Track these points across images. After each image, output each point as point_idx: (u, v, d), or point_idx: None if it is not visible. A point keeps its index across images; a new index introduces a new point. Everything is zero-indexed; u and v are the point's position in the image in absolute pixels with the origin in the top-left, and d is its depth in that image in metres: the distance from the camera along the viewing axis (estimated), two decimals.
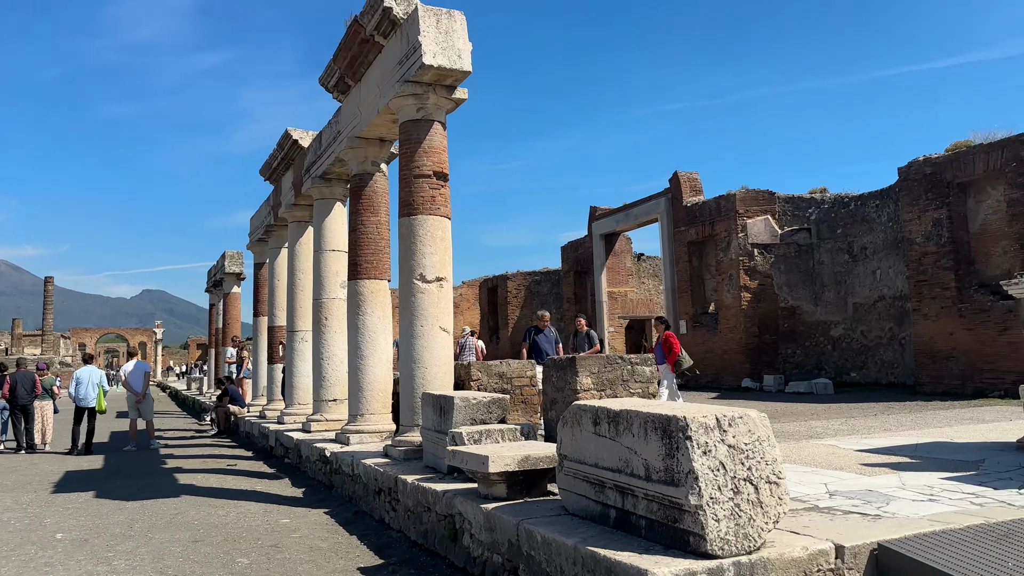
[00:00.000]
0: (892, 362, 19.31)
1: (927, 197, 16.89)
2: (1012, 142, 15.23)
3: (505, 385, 8.44)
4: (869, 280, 19.86)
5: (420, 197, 8.20)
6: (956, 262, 16.43)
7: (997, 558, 3.91)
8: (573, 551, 4.15)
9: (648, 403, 4.63)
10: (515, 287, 31.83)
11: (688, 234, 22.66)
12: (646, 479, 4.07)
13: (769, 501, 3.90)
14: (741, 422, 3.96)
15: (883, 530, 4.29)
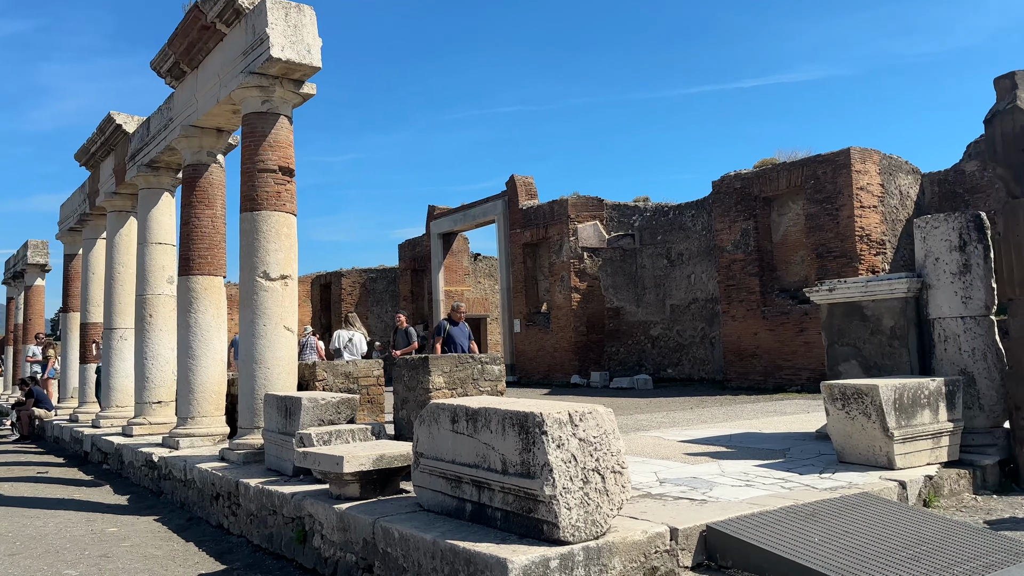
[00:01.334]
0: (704, 359, 20.94)
1: (737, 209, 18.49)
2: (811, 162, 17.02)
3: (351, 385, 8.41)
4: (685, 284, 21.41)
5: (264, 192, 7.99)
6: (761, 269, 18.10)
7: (805, 534, 4.48)
8: (432, 545, 4.29)
9: (504, 401, 4.86)
10: (350, 284, 31.33)
11: (523, 236, 23.36)
12: (503, 473, 4.29)
13: (614, 489, 4.24)
14: (591, 417, 4.28)
15: (710, 513, 4.77)
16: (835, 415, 6.38)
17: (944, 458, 6.28)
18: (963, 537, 4.58)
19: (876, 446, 6.11)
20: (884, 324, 7.46)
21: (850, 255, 16.25)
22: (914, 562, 4.14)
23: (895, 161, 17.21)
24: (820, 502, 5.08)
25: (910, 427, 6.12)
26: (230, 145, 10.49)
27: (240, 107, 8.42)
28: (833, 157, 16.64)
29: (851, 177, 16.26)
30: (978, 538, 4.59)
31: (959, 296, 6.85)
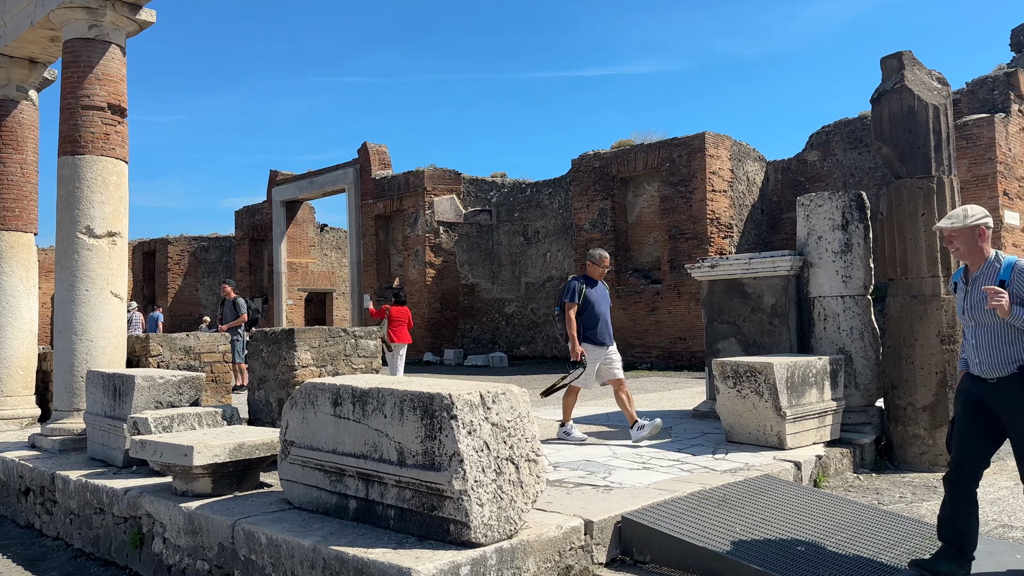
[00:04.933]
0: (557, 337, 20.93)
1: (594, 188, 18.50)
2: (667, 145, 17.26)
3: (192, 361, 7.36)
4: (540, 262, 21.29)
5: (90, 133, 6.75)
6: (616, 248, 18.23)
7: (723, 522, 4.15)
8: (312, 552, 3.57)
9: (399, 380, 4.19)
10: (178, 253, 28.84)
11: (376, 207, 22.34)
12: (399, 464, 3.64)
13: (529, 480, 3.71)
14: (504, 398, 3.71)
15: (620, 502, 4.35)
16: (726, 393, 6.19)
17: (827, 437, 6.27)
18: (879, 521, 4.44)
19: (767, 425, 5.98)
20: (765, 302, 7.40)
21: (701, 237, 16.66)
22: (842, 551, 3.91)
23: (744, 148, 17.82)
24: (728, 486, 4.80)
25: (800, 406, 6.03)
26: (46, 80, 8.94)
27: (61, 32, 7.08)
28: (689, 141, 16.94)
29: (705, 161, 16.64)
30: (893, 522, 4.47)
31: (840, 275, 6.87)
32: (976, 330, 3.67)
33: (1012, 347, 3.55)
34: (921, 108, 6.44)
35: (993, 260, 3.68)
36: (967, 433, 3.70)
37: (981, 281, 3.65)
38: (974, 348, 3.69)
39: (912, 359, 6.39)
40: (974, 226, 3.65)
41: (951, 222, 3.70)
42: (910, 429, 6.38)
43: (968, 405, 3.72)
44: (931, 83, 6.63)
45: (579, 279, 6.87)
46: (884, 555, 3.89)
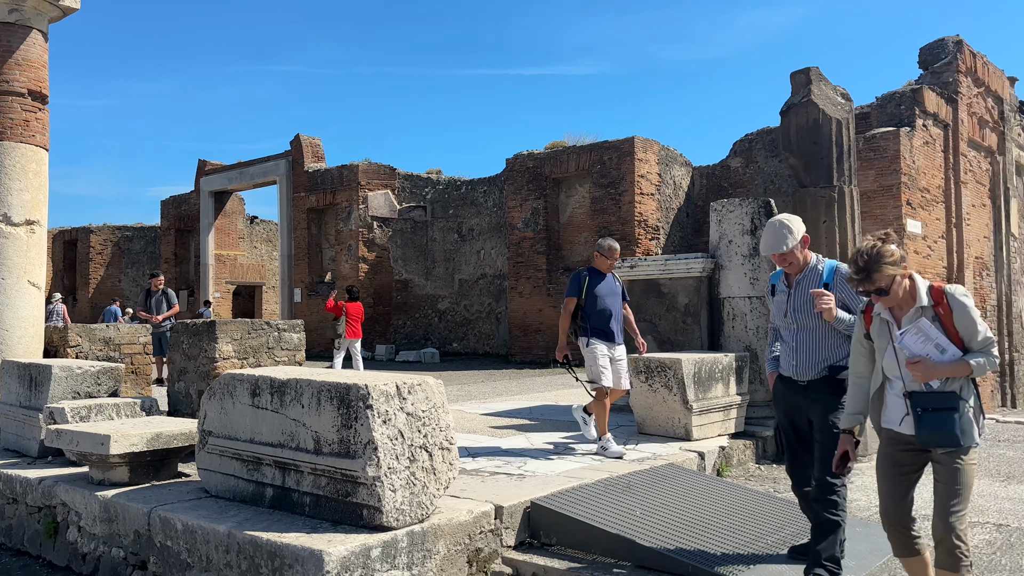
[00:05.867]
0: (489, 334, 21.17)
1: (528, 188, 18.77)
2: (598, 147, 17.64)
3: (112, 353, 7.29)
4: (474, 259, 21.46)
5: (9, 119, 6.63)
6: (548, 247, 18.55)
7: (626, 506, 4.42)
8: (227, 537, 3.68)
9: (318, 371, 4.32)
10: (100, 242, 27.98)
11: (308, 200, 22.14)
12: (315, 453, 3.77)
13: (442, 467, 3.89)
14: (420, 389, 3.88)
15: (532, 488, 4.58)
16: (638, 388, 6.48)
17: (732, 429, 6.63)
18: (769, 507, 4.77)
19: (676, 418, 6.29)
20: (679, 301, 7.74)
21: (629, 238, 17.07)
22: (732, 532, 4.21)
23: (671, 153, 18.34)
24: (634, 474, 5.08)
25: (706, 400, 6.37)
26: None
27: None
28: (619, 144, 17.35)
29: (634, 165, 17.07)
30: (783, 508, 4.80)
31: (748, 277, 7.25)
32: (798, 333, 3.71)
33: (827, 350, 3.64)
34: (825, 121, 6.86)
35: (815, 264, 3.78)
36: (794, 444, 3.82)
37: (805, 284, 3.69)
38: (793, 351, 3.73)
39: None
40: (802, 237, 3.76)
41: (787, 244, 3.71)
42: None
43: (788, 413, 3.83)
44: (835, 98, 7.06)
45: (585, 271, 6.25)
46: (771, 537, 4.21)
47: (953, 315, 2.89)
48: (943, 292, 2.93)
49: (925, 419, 2.84)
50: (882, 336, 3.03)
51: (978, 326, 2.88)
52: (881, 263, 2.88)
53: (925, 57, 12.63)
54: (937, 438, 2.84)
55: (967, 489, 2.89)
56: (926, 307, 2.92)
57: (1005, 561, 4.02)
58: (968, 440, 2.85)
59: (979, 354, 2.87)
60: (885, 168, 10.56)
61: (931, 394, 2.86)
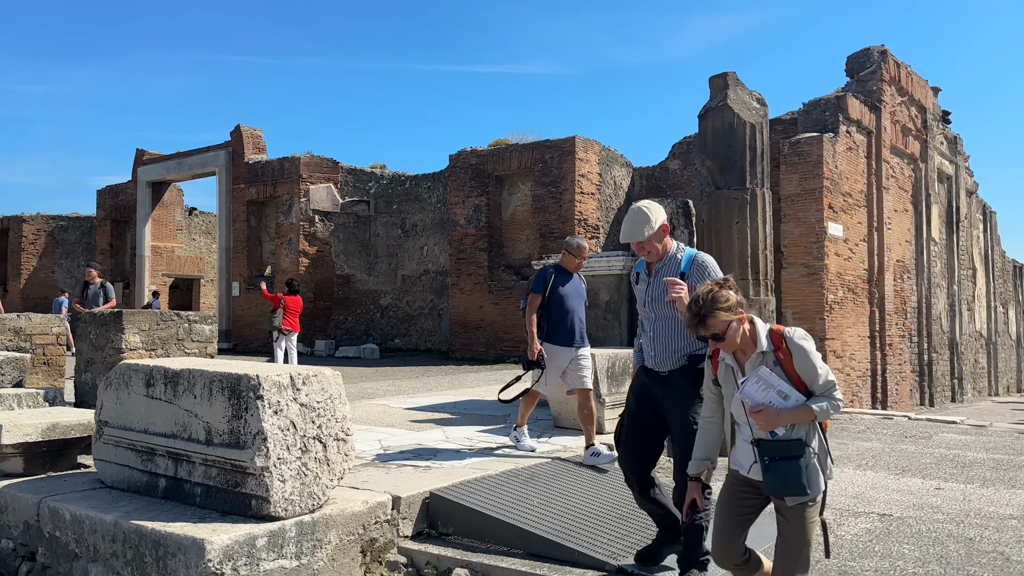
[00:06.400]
0: (431, 330, 21.16)
1: (471, 185, 18.81)
2: (540, 146, 17.77)
3: (23, 343, 7.12)
4: (417, 255, 21.42)
5: None
6: (490, 244, 18.61)
7: (526, 495, 4.50)
8: (113, 527, 3.66)
9: (213, 362, 4.30)
10: (34, 232, 27.15)
11: (248, 192, 21.81)
12: (207, 443, 3.77)
13: (336, 458, 3.92)
14: (315, 380, 3.90)
15: (434, 480, 4.63)
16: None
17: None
18: None
19: None
20: (601, 298, 7.88)
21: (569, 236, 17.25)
22: (623, 521, 4.33)
23: (612, 153, 18.56)
24: (538, 465, 5.17)
25: (620, 394, 6.50)
26: None
27: None
28: (560, 143, 17.50)
29: (575, 164, 17.24)
30: None
31: None
32: (656, 322, 3.67)
33: (685, 339, 3.57)
34: (740, 125, 7.05)
35: (675, 252, 3.71)
36: (636, 434, 3.71)
37: (663, 273, 3.64)
38: (651, 340, 3.68)
39: None
40: (661, 226, 3.65)
41: (644, 233, 3.63)
42: None
43: (639, 399, 3.73)
44: (751, 103, 7.27)
45: (551, 268, 5.98)
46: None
47: (793, 359, 2.81)
48: (783, 336, 2.85)
49: (772, 468, 2.76)
50: (728, 382, 2.96)
51: (819, 369, 2.81)
52: (715, 308, 2.82)
53: (852, 65, 13.03)
54: (784, 488, 2.75)
55: (810, 543, 2.83)
56: (767, 352, 2.84)
57: (879, 548, 4.21)
58: (815, 489, 2.77)
59: (822, 398, 2.79)
60: (809, 172, 10.88)
61: (777, 442, 2.79)
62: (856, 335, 11.69)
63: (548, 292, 5.83)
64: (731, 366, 2.94)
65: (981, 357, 18.49)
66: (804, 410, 2.76)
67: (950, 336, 15.86)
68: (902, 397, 13.31)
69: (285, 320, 12.55)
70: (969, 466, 6.64)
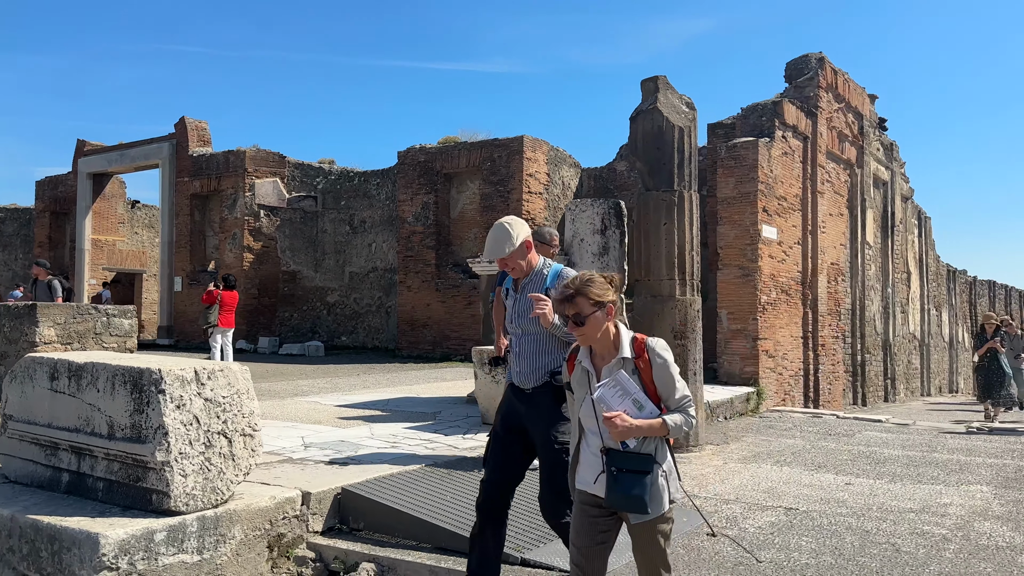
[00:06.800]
0: (379, 328, 21.05)
1: (419, 182, 18.77)
2: (489, 144, 17.81)
3: None
4: (365, 252, 21.29)
5: None
6: (438, 242, 18.60)
7: (439, 491, 4.54)
8: (10, 521, 3.60)
9: (119, 356, 4.25)
10: None
11: (192, 186, 21.43)
12: (109, 438, 3.73)
13: (242, 453, 3.90)
14: (221, 375, 3.88)
15: (349, 476, 4.64)
16: (482, 379, 6.64)
17: None
18: None
19: None
20: None
21: None
22: (534, 514, 4.39)
23: (560, 154, 18.70)
24: (458, 461, 5.21)
25: None
26: None
27: None
28: (508, 143, 17.57)
29: (523, 163, 17.32)
30: None
31: None
32: (521, 338, 3.55)
33: (548, 355, 3.45)
34: (669, 128, 7.18)
35: (541, 268, 3.62)
36: (501, 454, 3.54)
37: (529, 289, 3.54)
38: (517, 356, 3.55)
39: None
40: (523, 242, 3.54)
41: (505, 249, 3.52)
42: None
43: (505, 418, 3.60)
44: (680, 107, 7.40)
45: None
46: None
47: (653, 370, 2.72)
48: (645, 345, 2.76)
49: (619, 479, 2.63)
50: (581, 386, 2.82)
51: (676, 383, 2.72)
52: (587, 289, 2.73)
53: (790, 72, 13.34)
54: (626, 502, 2.63)
55: (665, 557, 2.74)
56: (627, 359, 2.73)
57: (778, 540, 4.35)
58: (656, 508, 2.65)
59: (677, 413, 2.70)
60: (744, 176, 11.11)
61: (628, 454, 2.66)
62: (789, 335, 11.98)
63: None
64: (587, 369, 2.81)
65: (914, 358, 19.08)
66: (658, 423, 2.65)
67: (884, 337, 16.33)
68: (835, 396, 13.67)
69: (221, 316, 12.38)
70: (883, 462, 6.88)
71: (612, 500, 2.65)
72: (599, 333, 2.75)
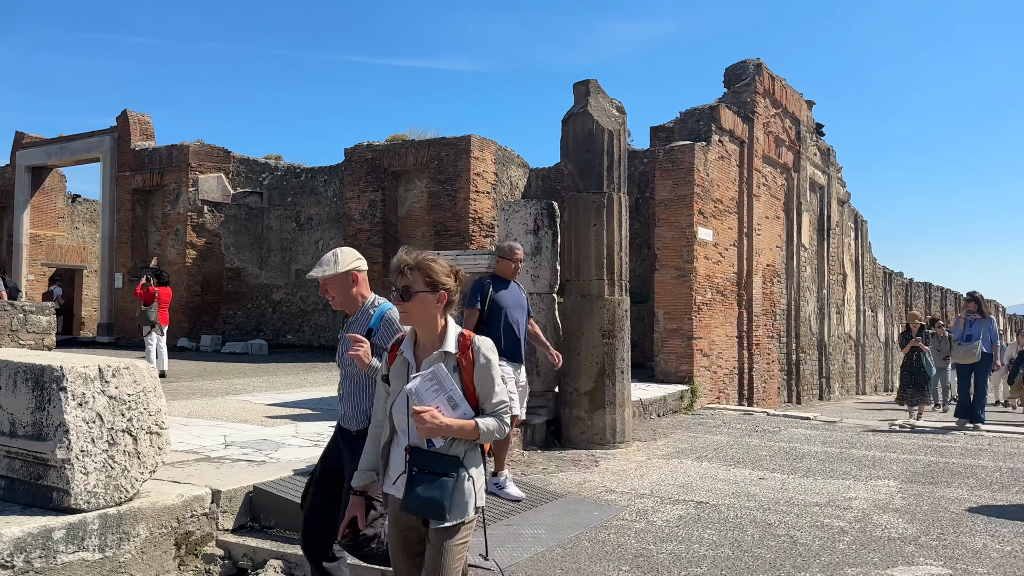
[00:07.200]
0: (325, 326, 20.90)
1: (367, 179, 18.69)
2: (436, 143, 17.82)
3: None
4: (313, 249, 21.10)
5: None
6: (385, 241, 18.54)
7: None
8: None
9: (27, 353, 4.20)
10: None
11: (134, 180, 21.02)
12: (11, 435, 3.70)
13: (148, 451, 3.90)
14: (127, 373, 3.87)
15: (263, 474, 4.65)
16: None
17: None
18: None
19: None
20: None
21: (464, 235, 17.37)
22: None
23: (509, 153, 18.81)
24: None
25: None
26: None
27: None
28: (456, 141, 17.60)
29: (470, 162, 17.37)
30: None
31: (530, 275, 7.61)
32: (345, 379, 3.35)
33: (369, 399, 3.16)
34: (599, 131, 7.32)
35: (368, 307, 3.34)
36: (318, 495, 3.36)
37: (353, 328, 3.30)
38: (341, 398, 3.38)
39: (579, 350, 7.25)
40: (346, 271, 3.29)
41: (322, 270, 3.29)
42: (574, 411, 7.24)
43: (327, 457, 3.44)
44: (611, 110, 7.55)
45: (486, 279, 5.51)
46: None
47: (475, 368, 2.55)
48: (470, 343, 2.58)
49: (418, 480, 2.43)
50: (399, 377, 2.62)
51: (496, 386, 2.55)
52: (425, 266, 2.58)
53: (729, 77, 13.62)
54: (422, 506, 2.42)
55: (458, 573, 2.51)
56: (450, 353, 2.54)
57: (682, 533, 4.49)
58: (457, 515, 2.44)
59: (491, 417, 2.52)
60: (681, 179, 11.32)
61: (433, 454, 2.46)
62: (724, 335, 12.25)
63: (487, 305, 5.31)
64: (408, 360, 2.62)
65: (850, 358, 19.63)
66: (470, 424, 2.47)
67: (819, 337, 16.77)
68: (770, 394, 14.01)
69: (160, 314, 12.21)
70: (801, 458, 7.11)
71: (408, 502, 2.45)
72: (424, 316, 2.57)
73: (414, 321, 2.60)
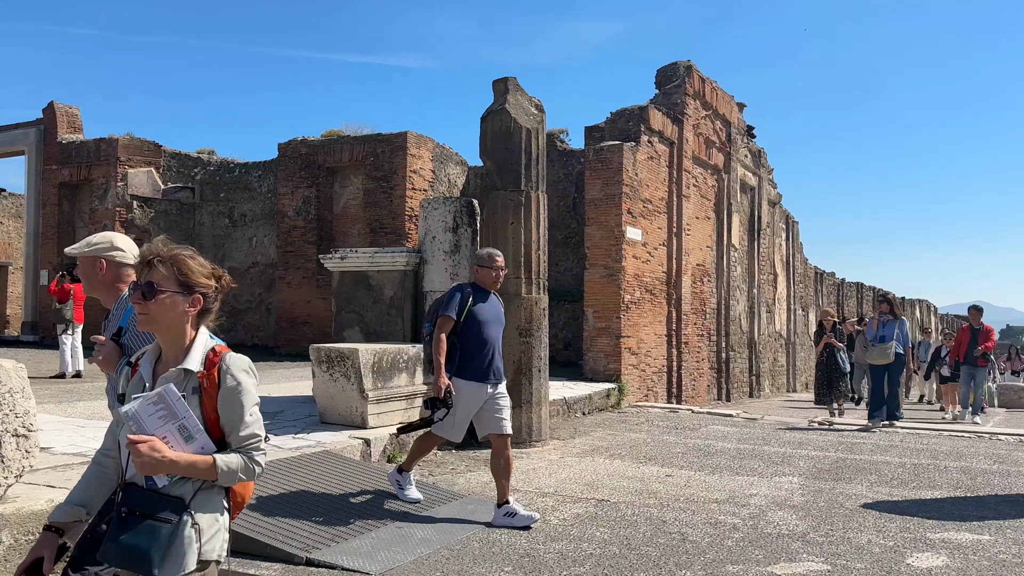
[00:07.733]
0: (259, 325, 20.52)
1: (301, 175, 18.41)
2: (372, 139, 17.64)
3: None
4: (246, 246, 20.70)
5: None
6: (319, 238, 18.28)
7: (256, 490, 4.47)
8: None
9: None
10: None
11: (61, 174, 20.33)
12: None
13: (14, 455, 3.74)
14: None
15: None
16: (320, 377, 6.58)
17: (417, 417, 6.88)
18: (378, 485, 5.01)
19: (353, 407, 6.45)
20: (386, 294, 7.94)
21: (399, 232, 17.23)
22: (332, 513, 4.39)
23: (447, 151, 18.71)
24: (279, 461, 5.15)
25: (386, 389, 6.57)
26: None
27: None
28: (392, 138, 17.45)
29: (406, 160, 17.24)
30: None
31: (449, 272, 7.58)
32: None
33: None
34: (516, 129, 7.29)
35: (124, 299, 2.88)
36: None
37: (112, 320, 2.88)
38: None
39: None
40: (94, 256, 2.93)
41: (76, 248, 3.01)
42: None
43: None
44: (529, 108, 7.53)
45: (466, 287, 5.03)
46: (373, 517, 4.44)
47: (219, 392, 2.05)
48: (221, 360, 2.09)
49: (128, 524, 1.95)
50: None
51: (246, 416, 2.06)
52: (184, 262, 2.12)
53: (660, 78, 13.77)
54: (124, 556, 1.94)
55: None
56: (191, 372, 2.06)
57: (575, 531, 4.50)
58: (171, 570, 1.95)
59: (237, 452, 2.04)
60: (610, 179, 11.40)
61: (150, 494, 1.98)
62: (653, 333, 12.37)
63: (463, 316, 4.84)
64: (143, 378, 2.14)
65: (780, 356, 20.04)
66: (205, 461, 1.99)
67: (749, 336, 17.08)
68: (699, 392, 14.21)
69: (76, 312, 11.82)
70: (712, 455, 7.20)
71: (107, 551, 1.97)
72: (168, 323, 2.08)
73: (156, 327, 2.09)
